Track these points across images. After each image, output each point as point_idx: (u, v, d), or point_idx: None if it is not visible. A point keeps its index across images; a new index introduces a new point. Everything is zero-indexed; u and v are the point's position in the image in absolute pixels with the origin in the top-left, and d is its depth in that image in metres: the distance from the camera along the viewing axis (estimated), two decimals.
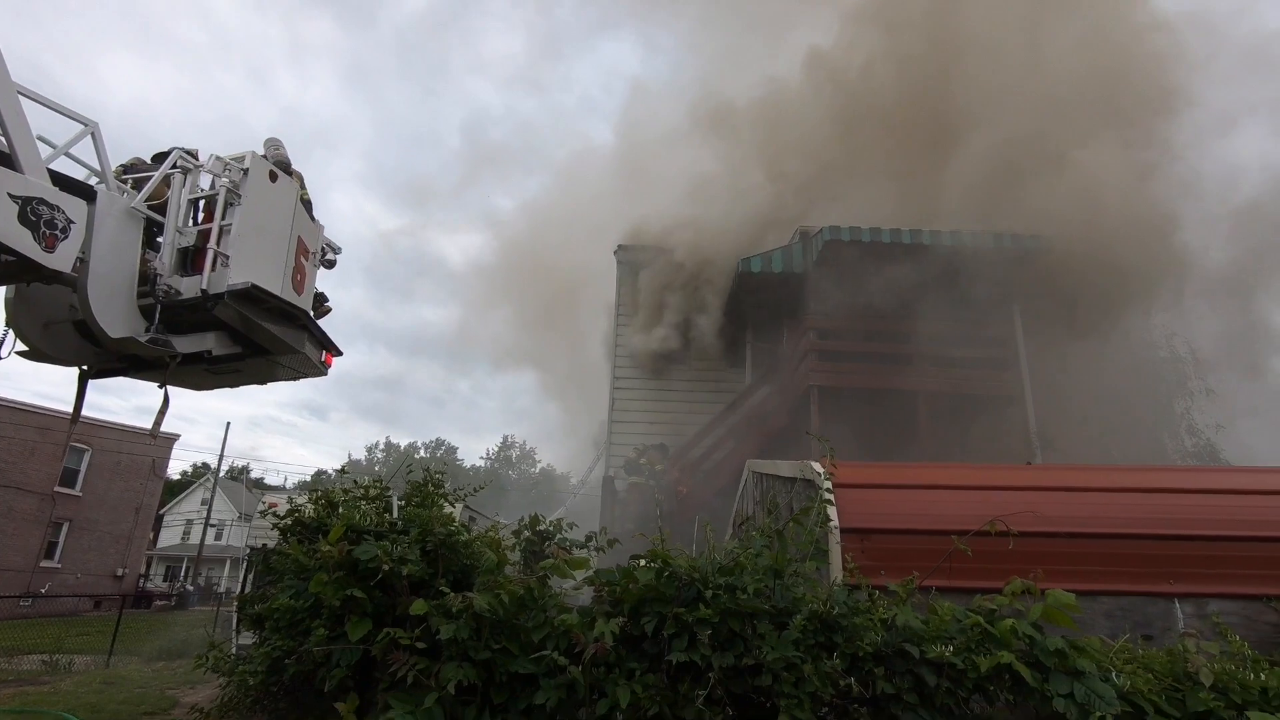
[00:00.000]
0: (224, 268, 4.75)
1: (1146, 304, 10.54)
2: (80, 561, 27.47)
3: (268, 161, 5.31)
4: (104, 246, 4.32)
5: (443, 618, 3.29)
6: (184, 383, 5.79)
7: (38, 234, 3.84)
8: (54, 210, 3.94)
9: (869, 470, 4.58)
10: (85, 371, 5.19)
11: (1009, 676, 3.12)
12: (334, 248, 6.12)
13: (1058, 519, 4.30)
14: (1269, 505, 4.69)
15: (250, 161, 5.06)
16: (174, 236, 4.82)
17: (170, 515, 46.83)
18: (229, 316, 4.93)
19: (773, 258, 12.56)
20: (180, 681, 11.61)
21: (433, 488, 4.36)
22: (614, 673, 3.25)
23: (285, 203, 5.43)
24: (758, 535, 3.77)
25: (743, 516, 8.04)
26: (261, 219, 5.10)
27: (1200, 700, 3.05)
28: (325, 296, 6.11)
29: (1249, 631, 3.99)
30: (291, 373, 5.98)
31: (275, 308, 5.16)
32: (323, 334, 5.78)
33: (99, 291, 4.30)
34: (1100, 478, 5.20)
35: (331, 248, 6.09)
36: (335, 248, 6.13)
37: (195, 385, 5.99)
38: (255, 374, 5.94)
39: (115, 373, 5.33)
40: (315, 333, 5.69)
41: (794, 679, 3.15)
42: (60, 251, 3.99)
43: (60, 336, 4.90)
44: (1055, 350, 11.16)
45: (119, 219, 4.47)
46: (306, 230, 5.69)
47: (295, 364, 5.79)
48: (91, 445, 27.75)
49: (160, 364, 5.01)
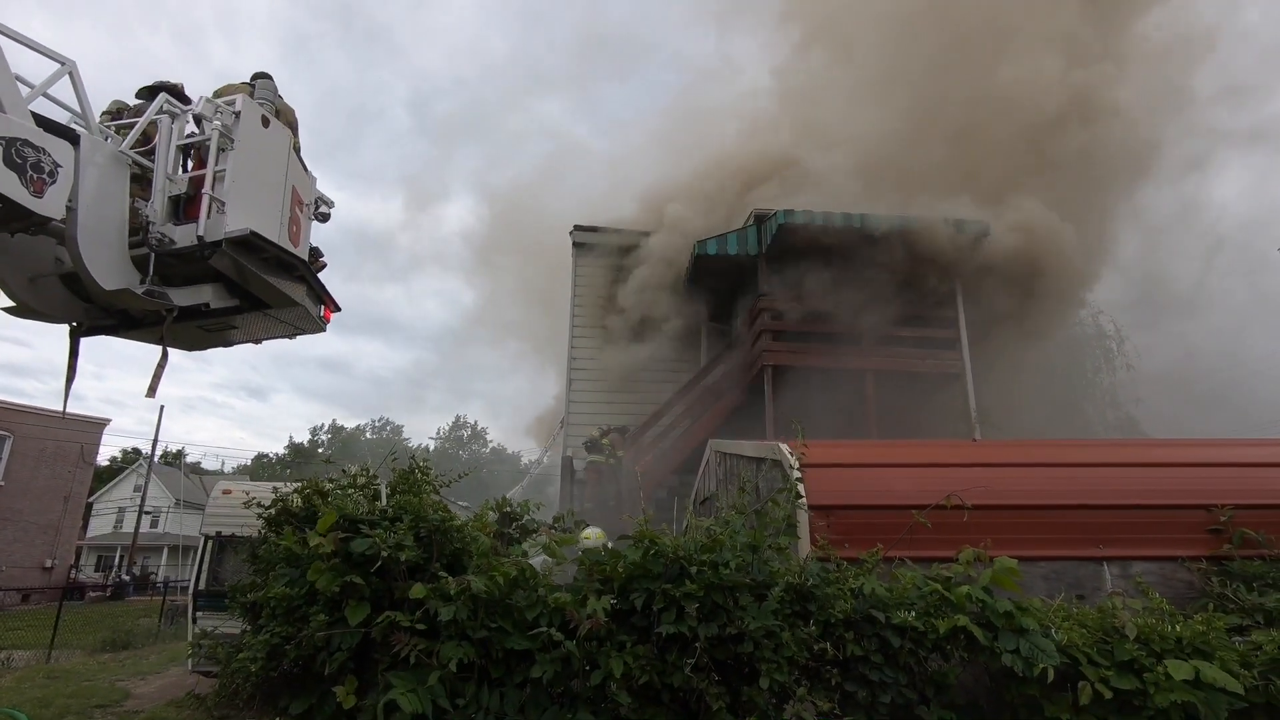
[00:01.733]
0: (219, 214, 4.52)
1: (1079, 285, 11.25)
2: (5, 554, 26.10)
3: (260, 105, 5.07)
4: (91, 194, 4.08)
5: (441, 600, 3.43)
6: (177, 342, 5.47)
7: (25, 178, 3.62)
8: (39, 153, 3.71)
9: (832, 449, 4.88)
10: (76, 328, 4.92)
11: (964, 636, 3.46)
12: (327, 201, 5.85)
13: (1003, 493, 4.71)
14: (1181, 476, 5.22)
15: (242, 104, 4.83)
16: (164, 183, 4.54)
17: (101, 503, 44.72)
18: (224, 266, 4.71)
19: (728, 240, 12.81)
20: (129, 673, 11.35)
21: (420, 475, 4.45)
22: (606, 645, 3.46)
23: (279, 149, 5.18)
24: (734, 514, 4.02)
25: (705, 494, 8.34)
26: (255, 165, 4.86)
27: (1126, 651, 3.45)
28: (320, 251, 5.78)
29: (1166, 589, 4.48)
30: (289, 328, 5.69)
31: (273, 258, 4.92)
32: (321, 287, 5.52)
33: (89, 242, 4.08)
34: (1038, 453, 5.67)
35: (325, 201, 5.83)
36: (329, 201, 5.86)
37: (188, 345, 5.72)
38: (251, 331, 5.66)
39: (106, 330, 5.06)
40: (314, 285, 5.44)
41: (773, 645, 3.43)
42: (49, 197, 3.77)
43: (48, 291, 4.63)
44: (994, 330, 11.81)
45: (105, 164, 4.23)
46: (300, 180, 5.44)
47: (293, 319, 5.53)
48: (13, 432, 26.24)
49: (154, 320, 4.77)
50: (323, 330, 5.80)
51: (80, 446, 28.68)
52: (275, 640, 3.52)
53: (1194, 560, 4.63)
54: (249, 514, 4.79)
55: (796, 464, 4.49)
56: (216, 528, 9.77)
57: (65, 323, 4.88)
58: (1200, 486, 5.04)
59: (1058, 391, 13.18)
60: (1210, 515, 4.79)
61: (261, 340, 5.91)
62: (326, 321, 5.74)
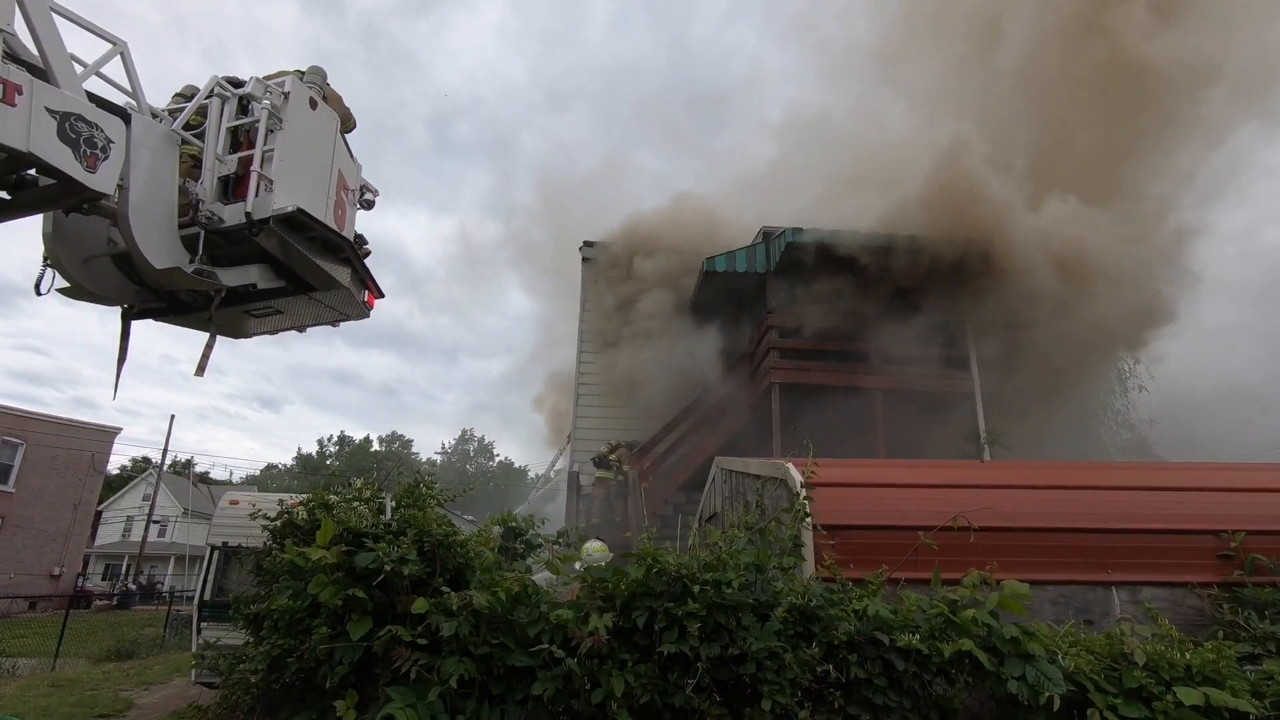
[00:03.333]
0: (267, 193, 4.58)
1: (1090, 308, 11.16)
2: (14, 561, 26.22)
3: (308, 87, 5.14)
4: (142, 172, 4.14)
5: (443, 615, 3.43)
6: (224, 329, 5.57)
7: (78, 152, 3.67)
8: (93, 128, 3.76)
9: (839, 469, 4.87)
10: (128, 310, 5.01)
11: (969, 661, 3.42)
12: (372, 189, 5.87)
13: (1011, 514, 4.67)
14: (1192, 500, 5.15)
15: (291, 85, 4.91)
16: (214, 162, 4.63)
17: (110, 511, 44.95)
18: (271, 246, 4.77)
19: (736, 257, 12.86)
20: (133, 683, 11.35)
21: (425, 489, 4.46)
22: (607, 664, 3.44)
23: (326, 132, 5.24)
24: (739, 533, 4.00)
25: (710, 511, 8.31)
26: (302, 146, 4.93)
27: (1134, 678, 3.40)
28: (365, 238, 5.75)
29: (1176, 615, 4.42)
30: (333, 313, 5.69)
31: (319, 238, 4.98)
32: (366, 270, 5.53)
33: (140, 220, 4.13)
34: (1048, 475, 5.62)
35: (369, 188, 5.85)
36: (373, 189, 5.88)
37: (234, 332, 5.75)
38: (296, 316, 5.68)
39: (157, 314, 5.13)
40: (358, 268, 5.45)
41: (776, 667, 3.40)
42: (102, 172, 3.81)
43: (101, 272, 4.72)
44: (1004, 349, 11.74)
45: (156, 144, 4.29)
46: (346, 165, 5.49)
47: (337, 303, 5.53)
48: (26, 439, 26.49)
49: (202, 304, 4.86)
50: (366, 316, 5.80)
51: (91, 455, 28.91)
52: (277, 652, 3.52)
53: (1204, 586, 4.57)
54: (256, 525, 4.83)
55: (803, 483, 4.47)
56: (223, 538, 9.80)
57: (117, 305, 4.97)
58: (1211, 511, 4.98)
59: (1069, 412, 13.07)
60: (1221, 540, 4.73)
61: (305, 328, 5.93)
62: (370, 307, 5.73)
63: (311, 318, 5.77)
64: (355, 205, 5.67)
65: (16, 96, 3.45)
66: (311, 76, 5.47)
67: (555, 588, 4.00)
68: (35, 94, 3.53)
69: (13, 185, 3.94)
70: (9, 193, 3.97)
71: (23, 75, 3.52)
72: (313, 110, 5.13)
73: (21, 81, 3.48)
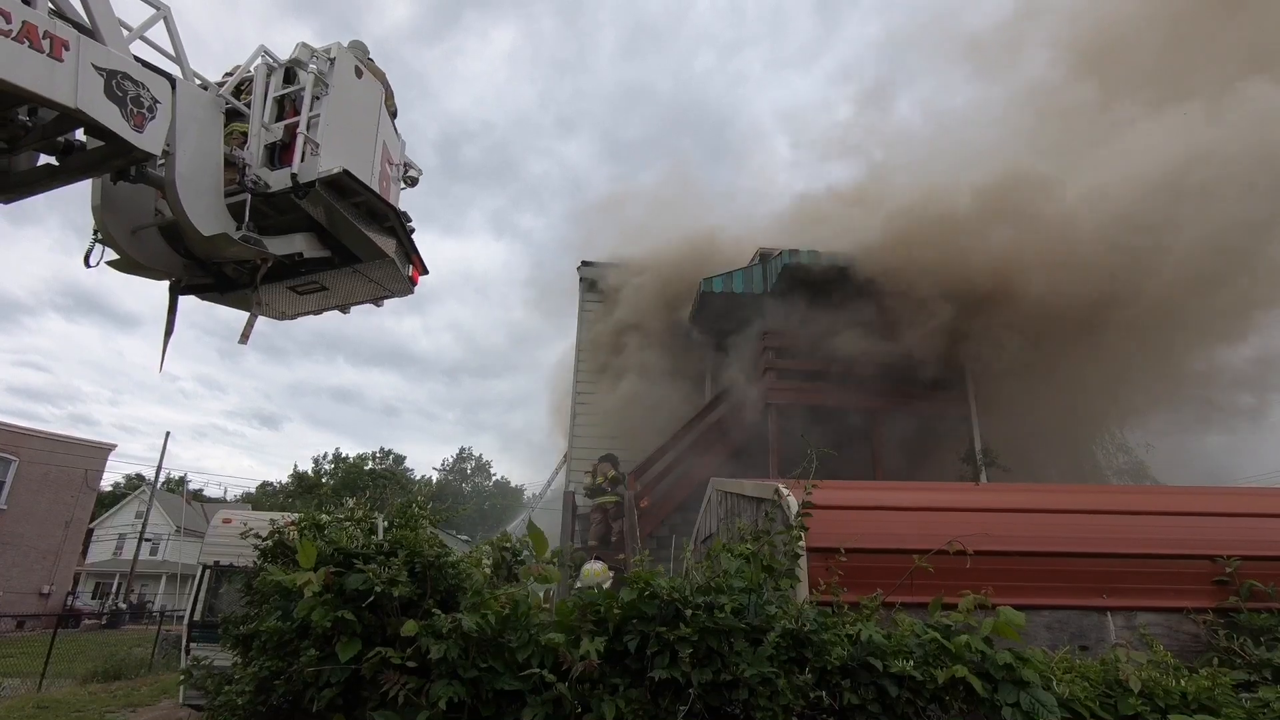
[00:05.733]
0: (313, 156, 4.60)
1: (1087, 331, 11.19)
2: (3, 579, 25.94)
3: (353, 56, 5.17)
4: (188, 138, 4.16)
5: (432, 638, 3.39)
6: (269, 310, 5.56)
7: (125, 111, 3.65)
8: (139, 87, 3.75)
9: (834, 491, 4.85)
10: (175, 284, 5.03)
11: (963, 687, 3.39)
12: (415, 166, 5.84)
13: (1006, 538, 4.64)
14: (1188, 525, 5.14)
15: (337, 51, 4.95)
16: (259, 128, 4.66)
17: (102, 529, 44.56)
18: (317, 214, 4.79)
19: (733, 278, 12.92)
20: (120, 704, 11.20)
21: (417, 509, 4.44)
22: (598, 689, 3.40)
23: (371, 102, 5.27)
24: (731, 556, 3.98)
25: (706, 532, 8.26)
26: (348, 113, 4.96)
27: (1129, 705, 3.36)
28: (409, 216, 5.69)
29: (1171, 641, 4.39)
30: (377, 289, 5.65)
31: (364, 204, 4.98)
32: (411, 244, 5.48)
33: (187, 186, 4.15)
34: (1043, 499, 5.60)
35: (413, 165, 5.83)
36: (417, 167, 5.86)
37: (280, 312, 5.73)
38: (340, 292, 5.64)
39: (203, 289, 5.14)
40: (404, 240, 5.41)
41: (768, 693, 3.36)
42: (149, 132, 3.80)
43: (148, 243, 4.74)
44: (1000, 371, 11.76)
45: (201, 109, 4.31)
46: (390, 139, 5.48)
47: (382, 278, 5.50)
48: (19, 455, 26.34)
49: (247, 281, 4.88)
50: (410, 291, 5.77)
51: (84, 471, 28.73)
52: (264, 674, 3.48)
53: (1200, 612, 4.54)
54: (248, 544, 4.80)
55: (797, 505, 4.46)
56: (215, 557, 9.70)
57: (165, 278, 5.00)
58: (1207, 536, 4.96)
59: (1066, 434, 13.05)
60: (1217, 566, 4.71)
61: (349, 308, 5.90)
62: (414, 283, 5.71)
63: (355, 294, 5.73)
64: (399, 182, 5.66)
65: (64, 52, 3.44)
66: (354, 49, 5.48)
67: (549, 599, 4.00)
68: (82, 50, 3.53)
69: (61, 150, 3.95)
70: (57, 158, 3.98)
71: (69, 31, 3.51)
72: (358, 79, 5.15)
73: (68, 37, 3.48)
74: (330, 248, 5.14)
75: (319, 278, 5.38)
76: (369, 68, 5.53)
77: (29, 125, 3.76)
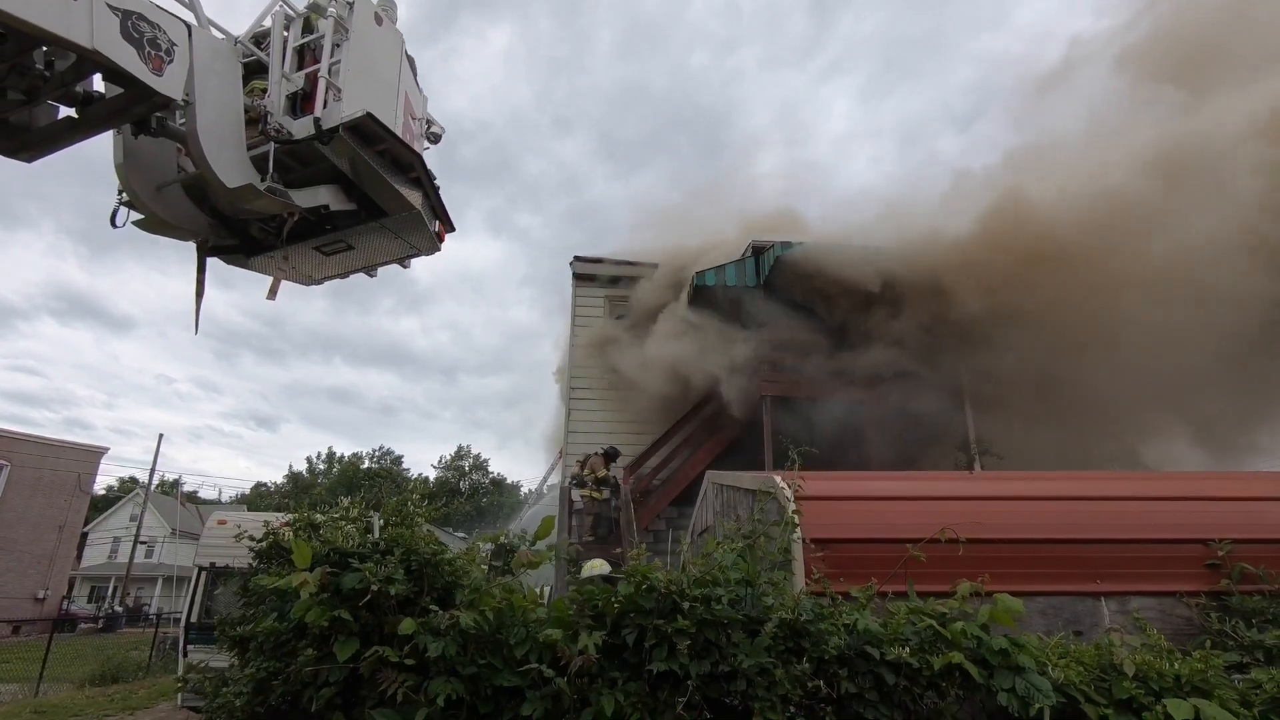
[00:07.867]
0: (336, 102, 4.53)
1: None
2: None
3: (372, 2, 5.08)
4: (209, 89, 4.09)
5: (430, 635, 3.39)
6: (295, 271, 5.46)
7: (143, 53, 3.57)
8: (155, 29, 3.67)
9: (829, 482, 4.87)
10: (203, 245, 4.98)
11: (959, 674, 3.41)
12: (438, 123, 5.73)
13: (999, 526, 4.67)
14: (1180, 510, 5.18)
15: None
16: (280, 76, 4.58)
17: (96, 533, 44.31)
18: (342, 164, 4.71)
19: (726, 271, 12.92)
20: (117, 708, 11.17)
21: (413, 507, 4.43)
22: (597, 683, 3.41)
23: (392, 50, 5.16)
24: (728, 549, 3.99)
25: (703, 525, 8.28)
26: (369, 59, 4.88)
27: (1124, 689, 3.39)
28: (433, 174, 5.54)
29: (1165, 625, 4.43)
30: (404, 247, 5.53)
31: (389, 153, 4.88)
32: (438, 198, 5.35)
33: (210, 137, 4.09)
34: (1036, 486, 5.64)
35: (435, 122, 5.71)
36: (439, 124, 5.74)
37: (306, 274, 5.64)
38: (367, 253, 5.53)
39: (229, 251, 5.06)
40: (430, 194, 5.27)
41: (766, 683, 3.37)
42: (168, 75, 3.72)
43: (173, 200, 4.68)
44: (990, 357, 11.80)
45: (222, 60, 4.25)
46: (413, 92, 5.38)
47: (409, 234, 5.37)
48: (11, 460, 26.16)
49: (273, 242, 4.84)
50: (437, 249, 5.65)
51: (77, 475, 28.56)
52: (262, 675, 3.48)
53: (1192, 595, 4.58)
54: (243, 545, 4.78)
55: (793, 496, 4.47)
56: (211, 559, 9.69)
57: (192, 238, 4.93)
58: (1198, 520, 5.00)
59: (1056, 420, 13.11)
60: (1208, 549, 4.75)
61: (375, 270, 5.78)
62: (441, 240, 5.58)
63: (381, 254, 5.62)
64: (423, 138, 5.56)
65: None
66: None
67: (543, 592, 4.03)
68: None
69: (80, 101, 3.87)
70: (77, 110, 3.90)
71: None
72: (378, 26, 5.07)
73: None
74: (355, 201, 5.04)
75: (345, 235, 5.27)
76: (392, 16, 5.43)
77: (47, 75, 3.65)
